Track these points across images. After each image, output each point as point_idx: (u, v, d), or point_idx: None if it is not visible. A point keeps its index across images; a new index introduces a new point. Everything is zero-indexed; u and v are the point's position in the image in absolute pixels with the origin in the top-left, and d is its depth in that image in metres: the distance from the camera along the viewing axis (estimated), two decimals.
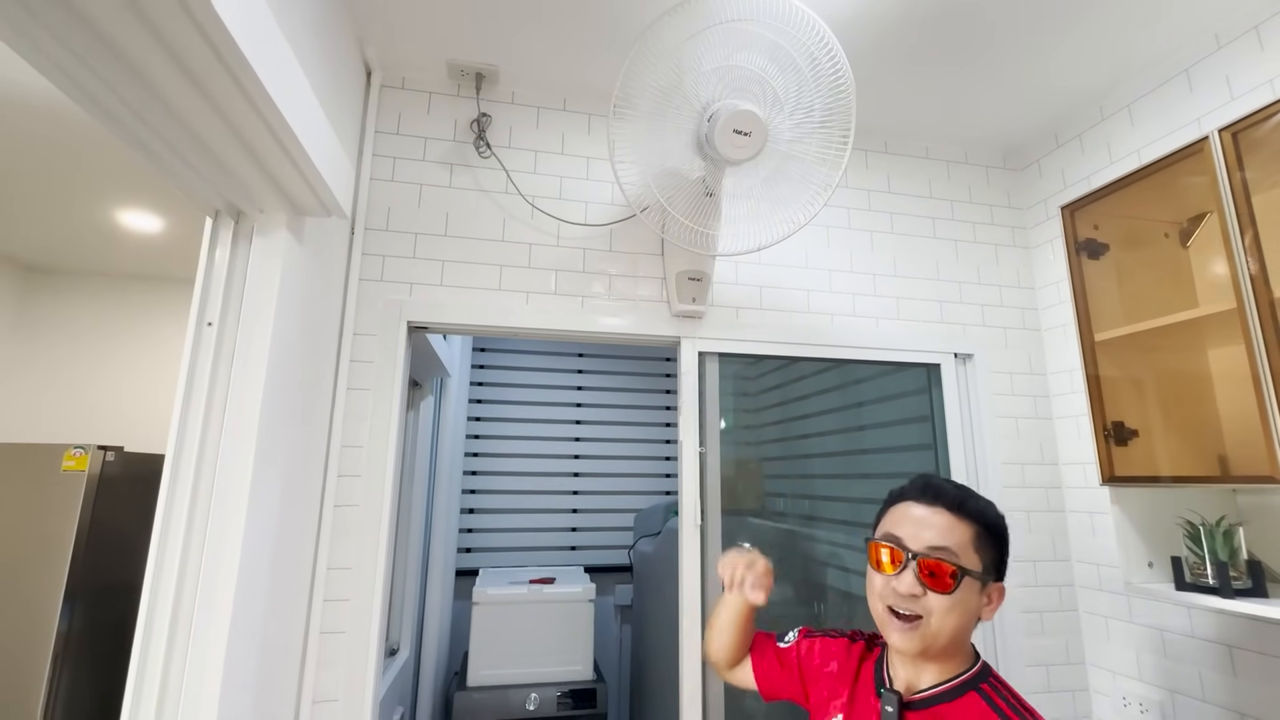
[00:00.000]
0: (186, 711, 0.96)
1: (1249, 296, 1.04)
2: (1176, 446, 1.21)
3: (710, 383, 1.64)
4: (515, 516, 3.36)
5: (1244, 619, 1.30)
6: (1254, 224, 1.05)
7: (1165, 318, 1.20)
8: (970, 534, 0.79)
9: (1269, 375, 1.00)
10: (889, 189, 1.85)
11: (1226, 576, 1.08)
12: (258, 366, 1.04)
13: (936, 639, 0.77)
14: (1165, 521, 1.26)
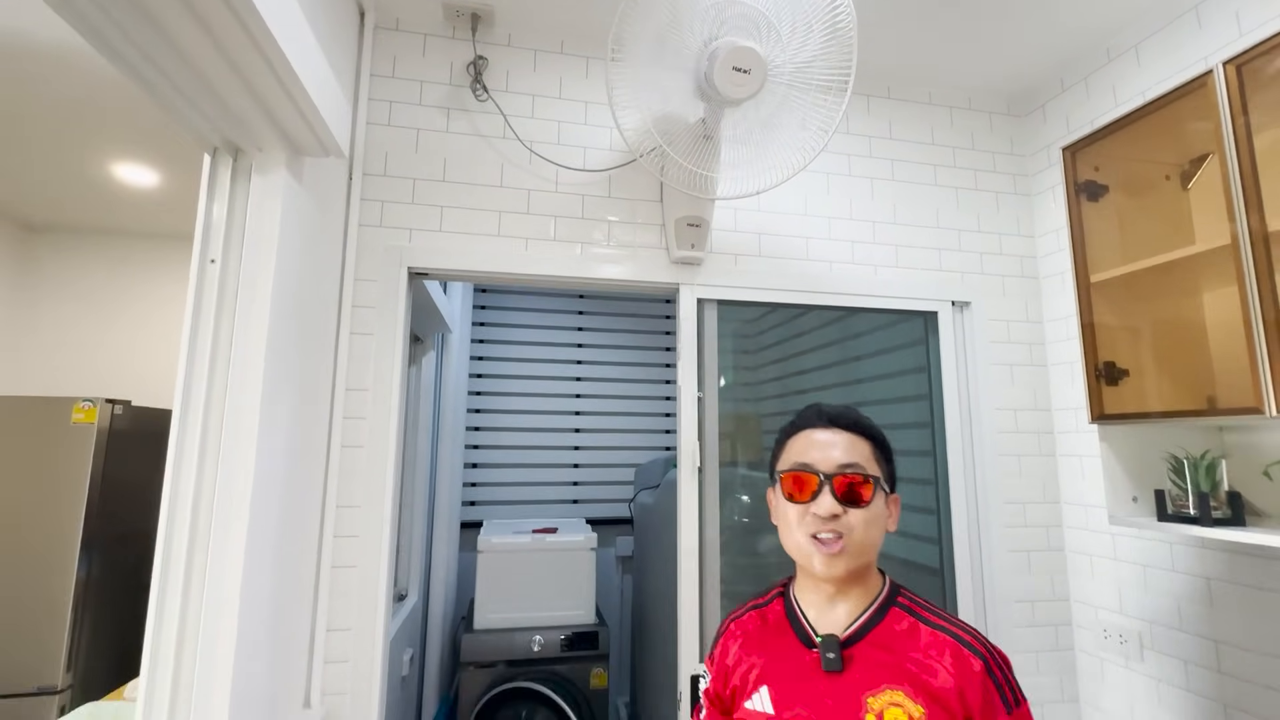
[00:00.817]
0: (206, 634, 1.01)
1: (1243, 225, 1.04)
2: (1167, 385, 1.23)
3: (709, 329, 1.65)
4: (518, 471, 3.42)
5: (1222, 552, 1.35)
6: (1253, 158, 1.05)
7: (1160, 256, 1.20)
8: (870, 448, 0.82)
9: (1258, 306, 1.01)
10: (890, 135, 1.83)
11: (1207, 506, 1.11)
12: (262, 303, 1.06)
13: (861, 555, 0.79)
14: (1151, 459, 1.30)
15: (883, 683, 0.74)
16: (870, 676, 0.75)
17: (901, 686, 0.74)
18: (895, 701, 0.73)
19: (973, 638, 0.76)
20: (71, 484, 2.21)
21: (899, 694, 0.73)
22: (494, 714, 2.43)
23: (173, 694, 0.99)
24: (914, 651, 0.76)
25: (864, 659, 0.77)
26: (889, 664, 0.76)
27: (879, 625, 0.79)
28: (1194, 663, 1.40)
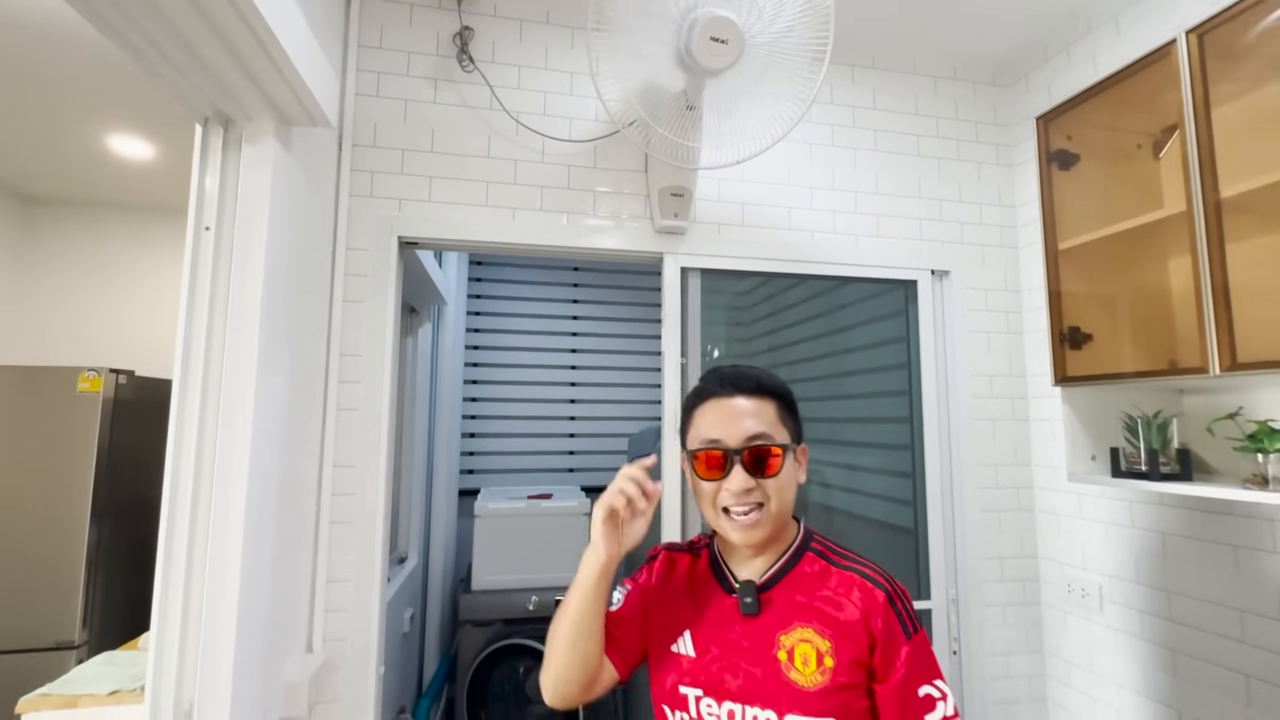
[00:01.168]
0: (211, 584, 1.07)
1: (1197, 192, 1.08)
2: (1127, 349, 1.28)
3: (692, 297, 1.70)
4: (515, 440, 3.50)
5: (1176, 509, 1.41)
6: (1210, 126, 1.09)
7: (1125, 222, 1.24)
8: (774, 409, 0.84)
9: (1208, 271, 1.06)
10: (874, 105, 1.85)
11: (1156, 462, 1.17)
12: (255, 269, 1.11)
13: (777, 520, 0.82)
14: (1110, 420, 1.35)
15: (794, 621, 0.80)
16: (784, 617, 0.80)
17: (811, 624, 0.79)
18: (805, 638, 0.78)
19: (876, 573, 0.82)
20: (80, 451, 2.29)
21: (809, 630, 0.79)
22: (492, 669, 2.54)
23: (181, 639, 1.06)
24: (824, 590, 0.81)
25: (779, 601, 0.82)
26: (801, 604, 0.81)
27: (793, 570, 0.83)
28: (1148, 612, 1.48)
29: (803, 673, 0.77)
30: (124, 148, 2.39)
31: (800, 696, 0.76)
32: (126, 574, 2.44)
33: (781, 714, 0.76)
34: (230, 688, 1.06)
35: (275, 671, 1.26)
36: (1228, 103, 1.09)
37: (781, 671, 0.78)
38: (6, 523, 2.18)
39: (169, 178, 2.67)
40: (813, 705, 0.76)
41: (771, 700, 0.77)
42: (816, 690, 0.76)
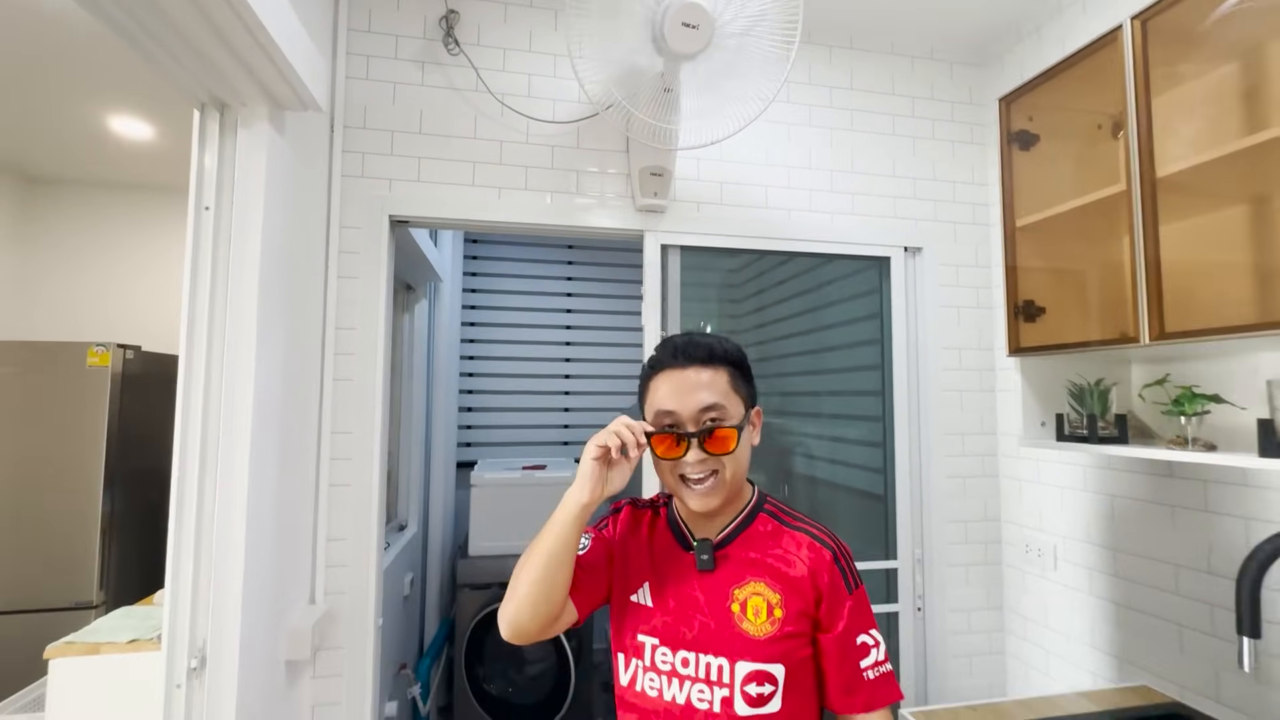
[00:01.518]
0: (219, 542, 1.17)
1: (1135, 171, 1.15)
2: (1077, 320, 1.35)
3: (672, 273, 1.77)
4: (511, 414, 3.60)
5: (1123, 472, 1.50)
6: (1149, 109, 1.15)
7: (1076, 200, 1.31)
8: (727, 379, 0.86)
9: (1143, 246, 1.13)
10: (851, 86, 1.90)
11: (1095, 427, 1.26)
12: (253, 246, 1.19)
13: (732, 485, 0.86)
14: (1061, 389, 1.43)
15: (748, 576, 0.85)
16: (737, 573, 0.86)
17: (763, 578, 0.85)
18: (757, 591, 0.84)
19: (824, 534, 0.88)
20: (92, 424, 2.39)
21: (761, 584, 0.85)
22: (488, 629, 2.67)
23: (193, 590, 1.16)
24: (775, 549, 0.87)
25: (734, 559, 0.87)
26: (754, 561, 0.86)
27: (747, 529, 0.89)
28: (1096, 570, 1.58)
29: (754, 623, 0.83)
30: (124, 128, 2.45)
31: (751, 644, 0.82)
32: (138, 539, 2.56)
33: (733, 661, 0.82)
34: (239, 633, 1.17)
35: (280, 620, 1.36)
36: (1168, 87, 1.15)
37: (734, 622, 0.83)
38: (27, 492, 2.29)
39: (168, 158, 2.73)
40: (762, 652, 0.82)
41: (725, 648, 0.83)
42: (766, 639, 0.82)
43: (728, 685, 0.82)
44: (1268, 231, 1.05)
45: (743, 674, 0.81)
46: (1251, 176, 1.07)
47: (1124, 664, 1.50)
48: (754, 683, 0.81)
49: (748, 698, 0.81)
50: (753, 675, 0.81)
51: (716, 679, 0.82)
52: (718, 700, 0.82)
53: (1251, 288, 1.04)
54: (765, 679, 0.81)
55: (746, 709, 0.81)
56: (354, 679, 1.52)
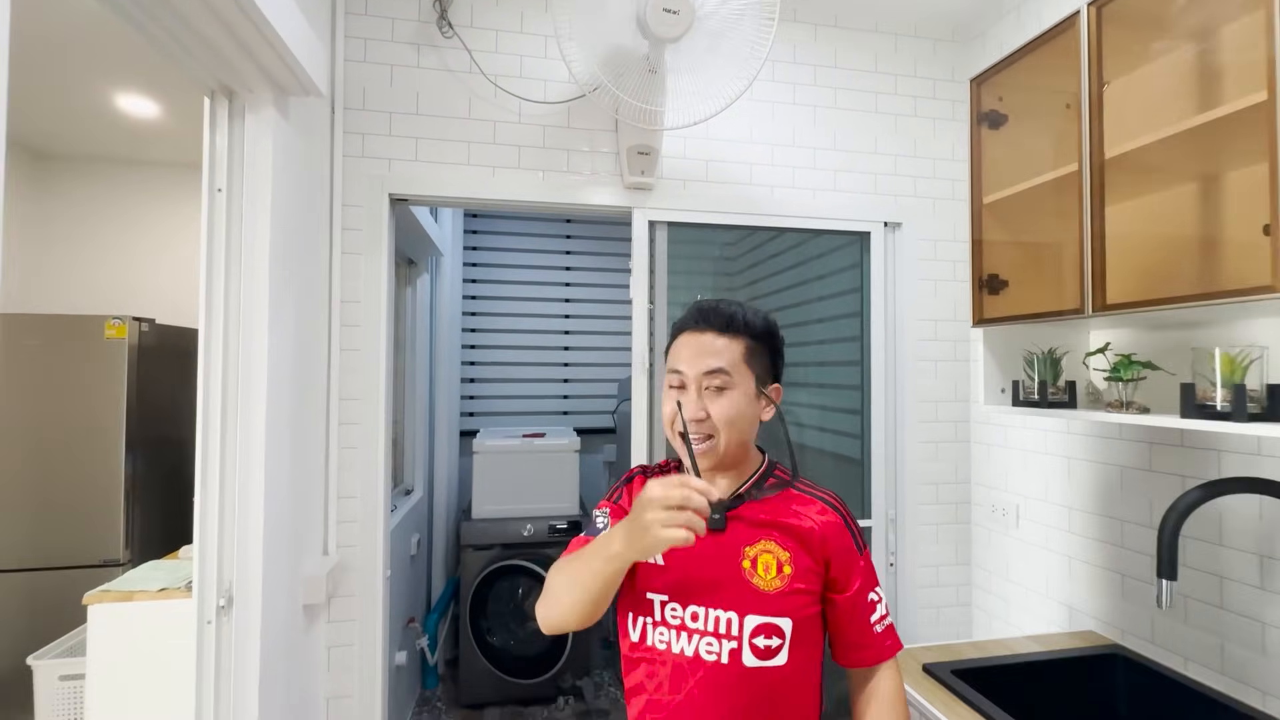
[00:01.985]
0: (241, 499, 1.29)
1: (1086, 152, 1.22)
2: (1032, 293, 1.44)
3: (659, 248, 1.86)
4: (512, 385, 3.72)
5: (1079, 436, 1.60)
6: (1101, 91, 1.21)
7: (1038, 178, 1.38)
8: (741, 349, 0.90)
9: (1089, 223, 1.21)
10: (835, 64, 1.95)
11: (1046, 392, 1.35)
12: (263, 225, 1.28)
13: (727, 449, 0.89)
14: (1020, 357, 1.52)
15: (759, 536, 0.89)
16: (749, 532, 0.89)
17: (773, 537, 0.88)
18: (767, 549, 0.88)
19: (832, 497, 0.93)
20: (111, 393, 2.51)
21: (771, 543, 0.88)
22: (491, 587, 2.83)
23: (219, 541, 1.28)
24: (785, 510, 0.91)
25: (745, 519, 0.90)
26: (764, 521, 0.89)
27: (758, 493, 0.93)
28: (1052, 527, 1.69)
29: (764, 578, 0.86)
30: (131, 107, 2.51)
31: (760, 598, 0.85)
32: (159, 501, 2.71)
33: (742, 614, 0.85)
34: (261, 576, 1.30)
35: (297, 568, 1.50)
36: (1123, 71, 1.22)
37: (745, 577, 0.86)
38: (55, 457, 2.43)
39: (174, 135, 2.80)
40: (771, 606, 0.85)
41: (734, 603, 0.86)
42: (775, 593, 0.86)
43: (736, 638, 0.85)
44: (1199, 210, 1.13)
45: (751, 626, 0.85)
46: (1194, 156, 1.14)
47: (1075, 612, 1.62)
48: (762, 635, 0.84)
49: (755, 649, 0.84)
50: (761, 628, 0.84)
51: (725, 632, 0.85)
52: (725, 652, 0.85)
53: (1178, 263, 1.12)
54: (773, 631, 0.84)
55: (754, 660, 0.84)
56: (366, 624, 1.66)
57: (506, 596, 2.87)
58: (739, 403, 0.89)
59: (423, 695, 2.90)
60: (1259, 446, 1.21)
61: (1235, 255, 1.06)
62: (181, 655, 1.47)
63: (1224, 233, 1.12)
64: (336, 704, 1.63)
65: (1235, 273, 1.05)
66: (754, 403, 0.91)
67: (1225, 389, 1.03)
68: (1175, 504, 1.08)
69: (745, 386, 0.89)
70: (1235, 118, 1.01)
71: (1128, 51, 1.22)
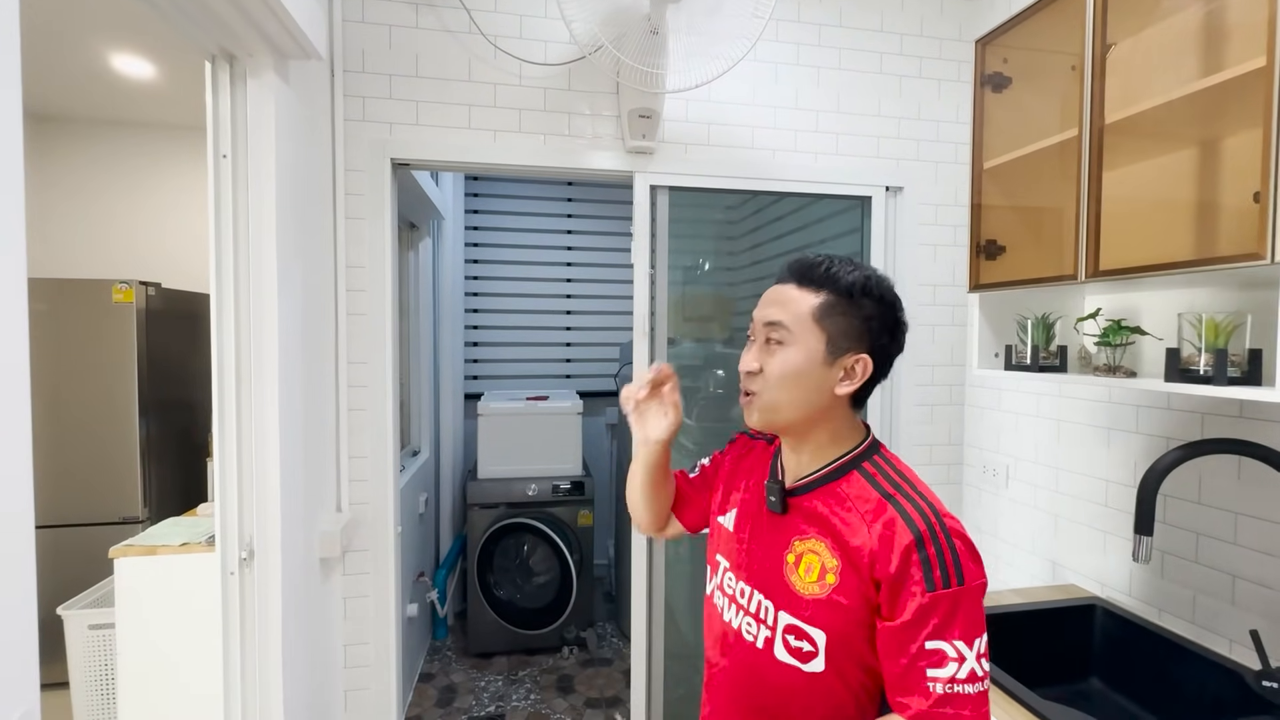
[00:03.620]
0: (258, 456, 1.34)
1: (1087, 118, 1.23)
2: (1030, 259, 1.45)
3: (661, 212, 1.87)
4: (515, 349, 3.76)
5: (1068, 399, 1.64)
6: (1104, 57, 1.21)
7: (1039, 142, 1.38)
8: (814, 303, 0.78)
9: (1087, 189, 1.22)
10: (840, 23, 1.92)
11: (1038, 356, 1.38)
12: (268, 190, 1.30)
13: (774, 413, 0.80)
14: (1014, 322, 1.55)
15: (810, 531, 0.79)
16: (805, 524, 0.80)
17: (825, 539, 0.78)
18: (814, 549, 0.78)
19: (918, 513, 0.73)
20: (122, 357, 2.56)
21: (822, 545, 0.78)
22: (497, 543, 2.93)
23: (239, 498, 1.34)
24: (851, 513, 0.77)
25: (805, 508, 0.81)
26: (824, 518, 0.79)
27: (831, 483, 0.80)
28: (1040, 486, 1.75)
29: (803, 579, 0.78)
30: (126, 67, 2.48)
31: (794, 600, 0.78)
32: (174, 461, 2.79)
33: (777, 608, 0.80)
34: (280, 530, 1.36)
35: (313, 524, 1.56)
36: (1126, 33, 1.21)
37: (784, 572, 0.80)
38: (73, 420, 2.49)
39: (172, 96, 2.77)
40: (804, 611, 0.77)
41: (773, 593, 0.81)
42: (810, 599, 0.77)
43: (771, 628, 0.81)
44: (1195, 176, 1.14)
45: (783, 624, 0.79)
46: (1194, 122, 1.15)
47: (1059, 567, 1.69)
48: (793, 636, 0.78)
49: (787, 646, 0.79)
50: (791, 629, 0.78)
51: (763, 618, 0.82)
52: (761, 638, 0.82)
53: (1172, 229, 1.14)
54: (803, 636, 0.77)
55: (786, 657, 0.79)
56: (379, 577, 1.73)
57: (513, 553, 2.97)
58: (793, 361, 0.78)
59: (433, 645, 3.03)
60: (1240, 409, 1.24)
61: (1227, 222, 1.07)
62: (205, 604, 1.55)
63: (1218, 199, 1.13)
64: (354, 650, 1.73)
65: (1226, 239, 1.06)
66: (820, 367, 0.78)
67: (1208, 353, 1.06)
68: (1155, 464, 1.13)
69: (808, 345, 0.78)
70: (1235, 83, 1.01)
71: (1134, 12, 1.21)
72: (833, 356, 0.78)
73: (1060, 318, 1.41)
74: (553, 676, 2.75)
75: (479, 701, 2.55)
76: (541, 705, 2.52)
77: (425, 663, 2.86)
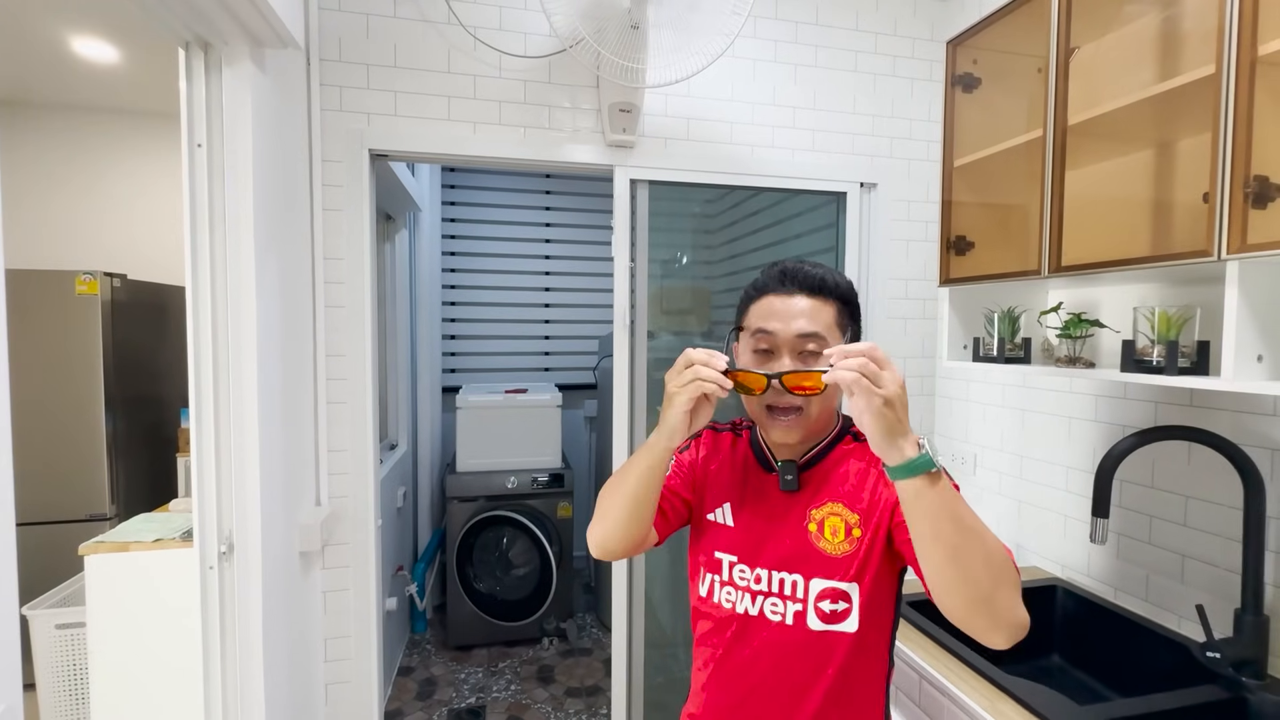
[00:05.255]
0: (237, 451, 1.32)
1: (1051, 120, 1.28)
2: (997, 255, 1.51)
3: (641, 206, 1.88)
4: (493, 342, 3.74)
5: (1033, 390, 1.71)
6: (1068, 59, 1.26)
7: (1006, 142, 1.43)
8: (834, 313, 0.83)
9: (1049, 189, 1.27)
10: (816, 21, 1.95)
11: (1003, 349, 1.44)
12: (245, 181, 1.28)
13: (816, 422, 0.84)
14: (982, 316, 1.61)
15: (826, 499, 0.85)
16: (817, 495, 0.86)
17: (841, 500, 0.85)
18: (834, 511, 0.84)
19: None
20: (87, 350, 2.49)
21: (839, 505, 0.84)
22: (477, 536, 2.93)
23: (218, 492, 1.33)
24: (853, 466, 0.86)
25: (814, 481, 0.87)
26: (833, 484, 0.86)
27: (831, 453, 0.88)
28: (1005, 474, 1.82)
29: (831, 541, 0.84)
30: (89, 51, 2.40)
31: (827, 562, 0.83)
32: (143, 457, 2.72)
33: (808, 577, 0.83)
34: (259, 524, 1.35)
35: (293, 517, 1.55)
36: (1089, 37, 1.26)
37: (811, 541, 0.84)
38: (37, 415, 2.42)
39: (137, 82, 2.69)
40: (838, 570, 0.83)
41: (800, 566, 0.84)
42: (843, 557, 0.83)
43: (801, 600, 0.84)
44: (1152, 176, 1.20)
45: (816, 590, 0.83)
46: (1152, 124, 1.20)
47: (1022, 550, 1.76)
48: (828, 599, 0.83)
49: (820, 613, 0.83)
50: (826, 592, 0.82)
51: (790, 594, 0.84)
52: (790, 613, 0.84)
53: (1130, 227, 1.20)
54: (839, 596, 0.82)
55: (819, 624, 0.83)
56: (359, 570, 1.73)
57: (492, 545, 2.97)
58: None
59: (412, 639, 3.02)
60: (1191, 398, 1.31)
61: (1179, 220, 1.14)
62: (181, 601, 1.53)
63: (1172, 199, 1.19)
64: (335, 644, 1.72)
65: (1178, 237, 1.12)
66: None
67: (1161, 345, 1.12)
68: (1111, 450, 1.19)
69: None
70: (1188, 88, 1.06)
71: (1097, 17, 1.26)
72: None
73: (1025, 311, 1.47)
74: (533, 667, 2.77)
75: (459, 693, 2.56)
76: (522, 696, 2.54)
77: (404, 656, 2.85)
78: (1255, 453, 1.17)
